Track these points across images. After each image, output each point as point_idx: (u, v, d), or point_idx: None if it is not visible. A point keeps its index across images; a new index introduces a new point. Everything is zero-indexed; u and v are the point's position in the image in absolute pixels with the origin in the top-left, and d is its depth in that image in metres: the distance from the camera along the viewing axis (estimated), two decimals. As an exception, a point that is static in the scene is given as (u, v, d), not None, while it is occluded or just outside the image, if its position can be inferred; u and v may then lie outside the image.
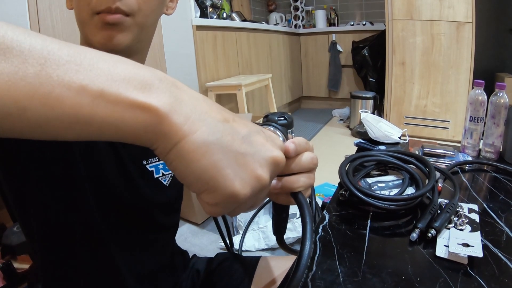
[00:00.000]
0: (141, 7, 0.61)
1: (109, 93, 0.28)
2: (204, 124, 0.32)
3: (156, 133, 0.30)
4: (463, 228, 0.68)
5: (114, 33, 0.59)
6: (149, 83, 0.30)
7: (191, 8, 2.83)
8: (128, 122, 0.29)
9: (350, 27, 5.10)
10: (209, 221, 2.27)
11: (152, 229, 0.80)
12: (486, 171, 1.02)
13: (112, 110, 0.29)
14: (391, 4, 3.45)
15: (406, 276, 0.56)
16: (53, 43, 0.28)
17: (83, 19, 0.60)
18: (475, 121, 1.11)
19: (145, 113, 0.29)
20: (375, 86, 4.47)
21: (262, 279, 0.90)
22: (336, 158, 1.00)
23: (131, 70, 0.30)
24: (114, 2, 0.57)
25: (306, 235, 0.40)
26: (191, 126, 0.31)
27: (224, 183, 0.33)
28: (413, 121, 3.62)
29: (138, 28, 0.63)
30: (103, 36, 0.59)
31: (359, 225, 0.73)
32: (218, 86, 2.98)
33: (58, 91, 0.27)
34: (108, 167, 0.68)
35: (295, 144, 0.44)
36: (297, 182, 0.45)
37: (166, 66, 2.47)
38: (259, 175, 0.35)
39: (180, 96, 0.32)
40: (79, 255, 0.69)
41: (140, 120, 0.30)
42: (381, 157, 0.96)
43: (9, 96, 0.26)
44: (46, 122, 0.28)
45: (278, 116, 0.48)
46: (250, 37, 3.82)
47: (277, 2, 5.99)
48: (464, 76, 3.26)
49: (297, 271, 0.37)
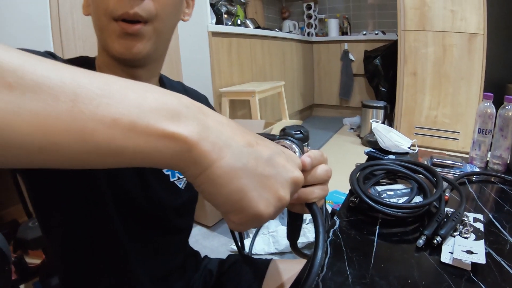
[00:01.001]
0: (158, 12, 0.61)
1: (140, 125, 0.29)
2: (230, 150, 0.34)
3: (186, 160, 0.32)
4: (467, 236, 0.70)
5: (133, 42, 0.60)
6: (177, 112, 0.31)
7: (207, 14, 2.87)
8: (159, 152, 0.31)
9: (363, 36, 5.10)
10: (220, 224, 2.30)
11: (168, 232, 0.81)
12: (493, 183, 1.04)
13: (144, 141, 0.30)
14: (404, 14, 3.47)
15: (412, 280, 0.59)
16: (82, 76, 0.29)
17: (101, 25, 0.61)
18: (483, 133, 1.13)
19: (175, 143, 0.31)
20: (386, 95, 4.47)
21: (272, 282, 0.92)
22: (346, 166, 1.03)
23: (159, 99, 0.31)
24: (132, 6, 0.57)
25: (318, 245, 0.42)
26: (218, 152, 0.33)
27: (250, 205, 0.35)
28: (424, 131, 3.62)
29: (156, 35, 0.63)
30: (122, 45, 0.60)
31: (368, 231, 0.76)
32: (232, 92, 3.01)
33: (91, 126, 0.28)
34: (126, 173, 0.70)
35: (311, 158, 0.46)
36: (312, 193, 0.48)
37: (182, 71, 2.51)
38: (282, 196, 0.37)
39: (206, 123, 0.33)
40: (97, 256, 0.71)
41: (170, 149, 0.31)
42: (390, 166, 0.99)
43: (42, 132, 0.26)
44: (79, 155, 0.29)
45: (294, 130, 0.50)
46: (264, 44, 3.86)
47: (290, 9, 6.03)
48: (475, 88, 3.25)
49: (308, 277, 0.40)
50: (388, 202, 0.80)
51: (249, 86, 3.09)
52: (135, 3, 0.57)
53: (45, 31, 1.65)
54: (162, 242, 0.81)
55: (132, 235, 0.73)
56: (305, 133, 0.51)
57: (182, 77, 2.52)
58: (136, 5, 0.57)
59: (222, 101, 3.03)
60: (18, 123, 0.25)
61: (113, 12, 0.57)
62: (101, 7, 0.58)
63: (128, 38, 0.59)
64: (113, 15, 0.58)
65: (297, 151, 0.47)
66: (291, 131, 0.50)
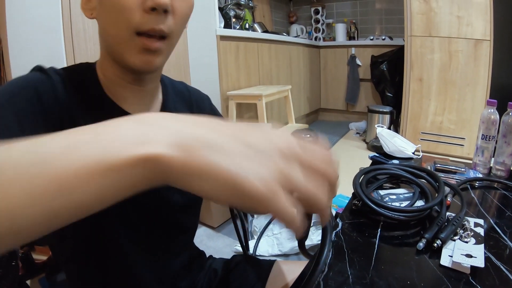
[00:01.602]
0: (177, 28, 0.63)
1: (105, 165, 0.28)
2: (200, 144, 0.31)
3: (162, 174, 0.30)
4: (467, 240, 0.72)
5: (152, 57, 0.61)
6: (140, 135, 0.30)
7: (215, 18, 2.89)
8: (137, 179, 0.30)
9: (370, 41, 5.11)
10: (225, 225, 2.32)
11: (174, 231, 0.82)
12: (496, 189, 1.04)
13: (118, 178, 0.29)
14: (410, 20, 3.47)
15: (411, 281, 0.60)
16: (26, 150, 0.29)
17: (121, 37, 0.60)
18: (487, 139, 1.13)
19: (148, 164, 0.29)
20: (392, 101, 4.47)
21: (275, 282, 0.93)
22: (351, 170, 1.04)
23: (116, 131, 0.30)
24: (158, 23, 0.58)
25: (325, 243, 0.44)
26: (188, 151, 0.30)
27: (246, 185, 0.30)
28: (429, 137, 3.61)
29: (170, 48, 0.65)
30: (142, 60, 0.61)
31: (370, 233, 0.78)
32: (239, 95, 3.03)
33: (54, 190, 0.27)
34: None
35: None
36: None
37: (190, 74, 2.53)
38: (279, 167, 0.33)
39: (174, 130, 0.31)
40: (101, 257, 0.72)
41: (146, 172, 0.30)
42: (393, 171, 1.00)
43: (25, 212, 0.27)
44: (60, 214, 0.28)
45: (304, 134, 0.52)
46: (271, 48, 3.87)
47: (298, 14, 6.04)
48: (481, 94, 3.25)
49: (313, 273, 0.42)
50: (390, 205, 0.81)
51: (256, 90, 3.11)
52: (160, 19, 0.58)
53: (56, 33, 1.67)
54: (168, 242, 0.82)
55: (138, 234, 0.74)
56: (314, 136, 0.53)
57: (190, 80, 2.54)
58: (161, 22, 0.58)
59: (229, 104, 3.04)
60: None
61: (139, 27, 0.58)
62: (122, 19, 0.58)
63: (148, 53, 0.60)
64: (137, 30, 0.58)
65: None
66: (302, 134, 0.52)
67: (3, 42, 1.56)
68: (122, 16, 0.58)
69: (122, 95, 0.69)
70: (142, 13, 0.57)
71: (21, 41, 1.58)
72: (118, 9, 0.58)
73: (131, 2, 0.56)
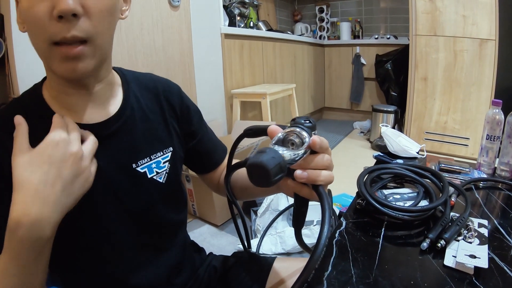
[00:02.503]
0: (97, 29, 0.60)
1: None
2: None
3: None
4: (471, 241, 0.72)
5: (76, 63, 0.59)
6: None
7: (220, 16, 2.90)
8: None
9: (374, 40, 5.09)
10: (228, 223, 2.32)
11: (162, 229, 0.83)
12: (500, 189, 1.04)
13: None
14: (415, 19, 3.46)
15: (415, 281, 0.60)
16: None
17: (42, 49, 0.60)
18: (491, 139, 1.13)
19: None
20: (396, 100, 4.46)
21: (276, 278, 0.92)
22: (355, 170, 1.04)
23: None
24: (68, 30, 0.56)
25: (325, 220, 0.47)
26: None
27: None
28: (433, 136, 3.61)
29: (98, 50, 0.63)
30: (66, 68, 0.59)
31: (374, 233, 0.78)
32: (243, 94, 3.03)
33: None
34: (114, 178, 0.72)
35: (320, 139, 0.54)
36: (320, 176, 0.55)
37: (194, 72, 2.54)
38: None
39: None
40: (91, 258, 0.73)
41: None
42: (398, 170, 1.00)
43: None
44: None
45: (304, 120, 0.55)
46: (276, 46, 3.88)
47: (303, 12, 6.03)
48: (486, 94, 3.24)
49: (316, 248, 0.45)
50: (394, 205, 0.81)
51: (260, 88, 3.11)
52: (71, 26, 0.56)
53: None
54: (158, 240, 0.82)
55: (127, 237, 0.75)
56: (313, 122, 0.56)
57: (195, 78, 2.55)
58: (72, 27, 0.56)
59: (234, 102, 3.05)
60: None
61: (52, 37, 0.57)
62: (39, 33, 0.58)
63: (70, 61, 0.59)
64: (52, 40, 0.57)
65: (306, 136, 0.52)
66: (301, 120, 0.55)
67: (8, 40, 1.57)
68: (37, 28, 0.57)
69: (71, 103, 0.69)
70: (53, 22, 0.56)
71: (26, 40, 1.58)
72: (32, 22, 0.58)
73: (41, 13, 0.55)
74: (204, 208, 2.34)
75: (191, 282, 0.93)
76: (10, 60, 1.58)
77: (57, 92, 0.68)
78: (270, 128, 0.57)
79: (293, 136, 0.53)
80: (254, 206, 2.19)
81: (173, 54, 2.34)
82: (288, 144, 0.53)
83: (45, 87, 0.70)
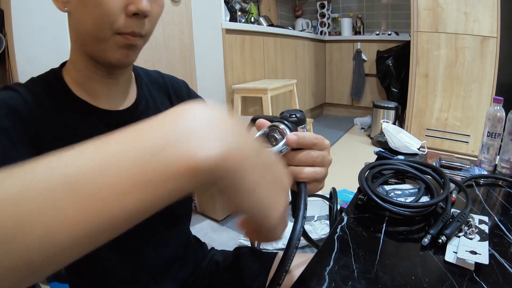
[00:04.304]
0: (152, 29, 0.68)
1: (152, 179, 0.29)
2: (247, 160, 0.34)
3: (214, 178, 0.32)
4: (472, 237, 0.72)
5: (131, 52, 0.65)
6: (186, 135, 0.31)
7: (221, 11, 2.89)
8: (188, 184, 0.30)
9: (376, 36, 5.09)
10: (229, 218, 2.34)
11: (168, 220, 0.83)
12: (501, 186, 1.04)
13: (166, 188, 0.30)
14: (417, 15, 3.46)
15: (416, 276, 0.61)
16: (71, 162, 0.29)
17: (102, 36, 0.61)
18: (492, 136, 1.13)
19: (200, 171, 0.30)
20: (397, 96, 4.47)
21: None
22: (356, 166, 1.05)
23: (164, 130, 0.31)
24: (140, 27, 0.62)
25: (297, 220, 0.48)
26: (240, 163, 0.33)
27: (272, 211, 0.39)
28: (434, 133, 3.61)
29: (144, 45, 0.69)
30: (122, 54, 0.64)
31: (375, 228, 0.78)
32: (245, 89, 3.03)
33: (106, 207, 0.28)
34: None
35: (298, 137, 0.51)
36: (301, 173, 0.53)
37: (195, 67, 2.54)
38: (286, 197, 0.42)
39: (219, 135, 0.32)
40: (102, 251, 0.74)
41: (199, 177, 0.30)
42: (399, 166, 1.00)
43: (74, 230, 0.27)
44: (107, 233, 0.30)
45: (290, 114, 0.55)
46: (277, 42, 3.87)
47: (304, 8, 6.03)
48: (487, 91, 3.24)
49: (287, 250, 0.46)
50: (396, 201, 0.82)
51: (261, 84, 3.11)
52: (141, 23, 0.62)
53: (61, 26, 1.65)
54: (164, 232, 0.83)
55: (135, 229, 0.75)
56: (301, 116, 0.55)
57: (196, 74, 2.55)
58: (142, 25, 0.63)
59: (235, 97, 3.05)
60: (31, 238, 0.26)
61: (121, 29, 0.61)
62: (104, 21, 0.59)
63: (127, 48, 0.64)
64: (120, 31, 0.61)
65: (287, 132, 0.51)
66: (287, 114, 0.54)
67: (8, 35, 1.57)
68: (105, 18, 0.59)
69: (95, 90, 0.71)
70: (124, 17, 0.60)
71: (26, 35, 1.59)
72: (100, 11, 0.59)
73: (115, 6, 0.58)
74: (205, 203, 2.34)
75: (194, 276, 0.93)
76: (10, 55, 1.58)
77: (83, 78, 0.69)
78: (258, 121, 0.57)
79: (275, 132, 0.53)
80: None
81: (174, 49, 2.33)
82: (272, 140, 0.53)
83: (67, 72, 0.71)
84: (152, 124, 0.32)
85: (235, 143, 0.33)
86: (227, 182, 0.33)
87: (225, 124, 0.33)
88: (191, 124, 0.31)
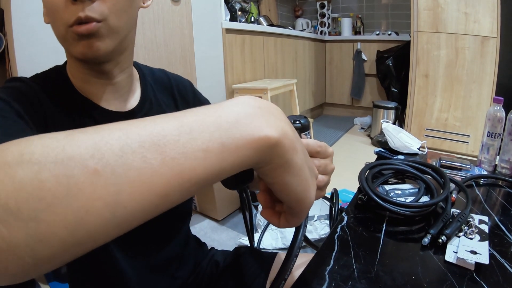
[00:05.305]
0: (111, 11, 0.61)
1: (229, 144, 0.31)
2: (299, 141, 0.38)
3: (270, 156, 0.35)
4: (472, 237, 0.72)
5: (91, 41, 0.60)
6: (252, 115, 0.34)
7: (221, 11, 2.88)
8: (251, 157, 0.33)
9: (376, 36, 5.09)
10: (229, 218, 2.34)
11: (168, 220, 0.83)
12: (501, 186, 1.04)
13: (237, 155, 0.32)
14: (417, 15, 3.45)
15: (416, 276, 0.61)
16: (153, 124, 0.30)
17: (61, 34, 0.61)
18: (492, 136, 1.13)
19: (263, 145, 0.33)
20: (397, 96, 4.47)
21: None
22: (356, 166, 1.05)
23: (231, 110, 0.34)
24: (82, 10, 0.57)
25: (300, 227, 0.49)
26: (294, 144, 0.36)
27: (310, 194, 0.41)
28: (434, 133, 3.61)
29: (114, 32, 0.63)
30: (83, 46, 0.60)
31: (375, 228, 0.78)
32: (245, 89, 3.02)
33: (188, 165, 0.29)
34: None
35: None
36: None
37: (195, 67, 2.53)
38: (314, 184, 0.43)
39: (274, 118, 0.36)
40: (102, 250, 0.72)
41: (259, 151, 0.33)
42: (399, 166, 1.00)
43: (149, 194, 0.28)
44: (183, 194, 0.31)
45: (294, 120, 0.54)
46: (277, 41, 3.87)
47: (304, 8, 6.03)
48: (487, 91, 3.24)
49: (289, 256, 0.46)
50: (396, 200, 0.82)
51: (261, 83, 3.11)
52: (85, 6, 0.58)
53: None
54: (162, 232, 0.83)
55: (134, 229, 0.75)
56: (305, 123, 0.54)
57: (196, 73, 2.54)
58: (86, 7, 0.58)
59: (235, 97, 3.04)
60: (123, 200, 0.27)
61: (68, 20, 0.58)
62: (57, 18, 0.60)
63: (85, 39, 0.60)
64: (68, 23, 0.59)
65: None
66: (291, 120, 0.54)
67: (8, 35, 1.57)
68: (55, 14, 0.60)
69: (93, 92, 0.70)
70: (70, 6, 0.58)
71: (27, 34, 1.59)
72: (51, 10, 0.60)
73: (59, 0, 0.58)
74: (205, 203, 2.34)
75: (193, 276, 0.93)
76: (10, 55, 1.57)
77: (80, 82, 0.69)
78: None
79: None
80: (255, 201, 2.19)
81: (174, 49, 2.33)
82: None
83: (69, 72, 0.71)
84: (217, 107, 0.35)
85: (289, 128, 0.37)
86: (281, 160, 0.35)
87: (278, 112, 0.38)
88: (254, 108, 0.35)
